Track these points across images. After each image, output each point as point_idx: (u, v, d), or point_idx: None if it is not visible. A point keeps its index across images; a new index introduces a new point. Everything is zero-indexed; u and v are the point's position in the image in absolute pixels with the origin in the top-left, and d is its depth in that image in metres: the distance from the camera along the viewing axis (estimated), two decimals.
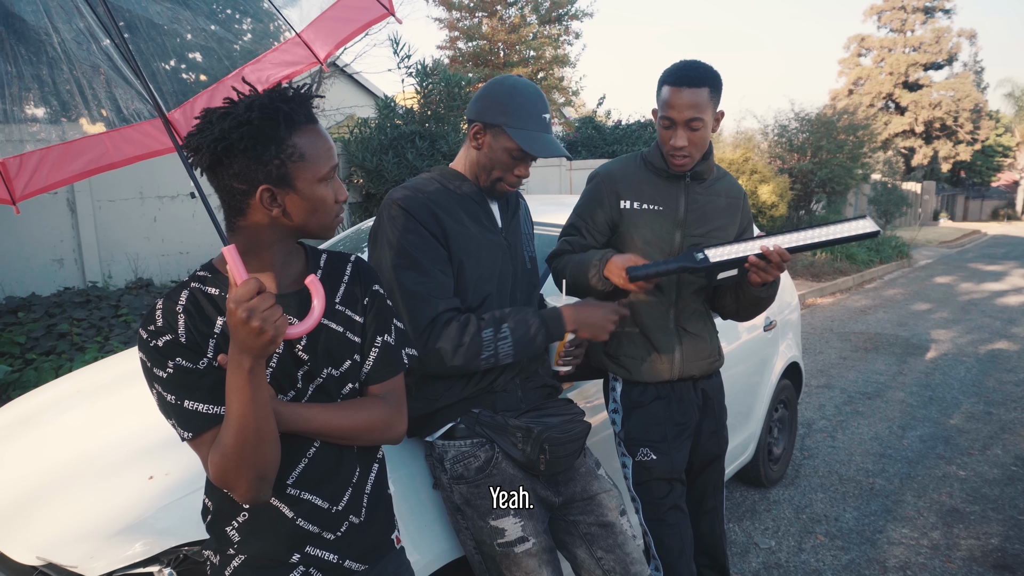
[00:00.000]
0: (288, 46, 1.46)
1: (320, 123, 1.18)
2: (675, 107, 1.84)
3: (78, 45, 1.21)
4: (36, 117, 1.24)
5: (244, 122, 1.06)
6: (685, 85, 1.83)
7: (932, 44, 30.85)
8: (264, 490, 1.11)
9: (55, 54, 1.19)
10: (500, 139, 1.67)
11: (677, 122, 1.85)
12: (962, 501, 3.58)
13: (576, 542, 1.75)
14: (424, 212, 1.62)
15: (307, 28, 1.46)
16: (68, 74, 1.21)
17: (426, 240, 1.61)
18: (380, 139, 7.26)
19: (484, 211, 1.75)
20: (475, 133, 1.70)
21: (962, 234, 21.91)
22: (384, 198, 1.68)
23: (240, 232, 1.14)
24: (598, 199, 2.00)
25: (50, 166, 1.22)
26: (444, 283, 1.62)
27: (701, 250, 1.83)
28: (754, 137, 13.19)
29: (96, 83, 1.23)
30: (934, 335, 7.43)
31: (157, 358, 1.09)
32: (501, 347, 1.61)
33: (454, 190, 1.71)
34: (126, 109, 1.28)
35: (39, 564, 1.51)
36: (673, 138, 1.87)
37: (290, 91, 1.13)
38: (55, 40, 1.19)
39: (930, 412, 4.95)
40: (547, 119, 1.70)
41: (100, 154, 1.27)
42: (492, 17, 13.20)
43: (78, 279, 5.76)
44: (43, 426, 2.12)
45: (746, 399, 3.28)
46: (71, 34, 1.20)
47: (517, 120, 1.65)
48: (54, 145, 1.23)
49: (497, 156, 1.68)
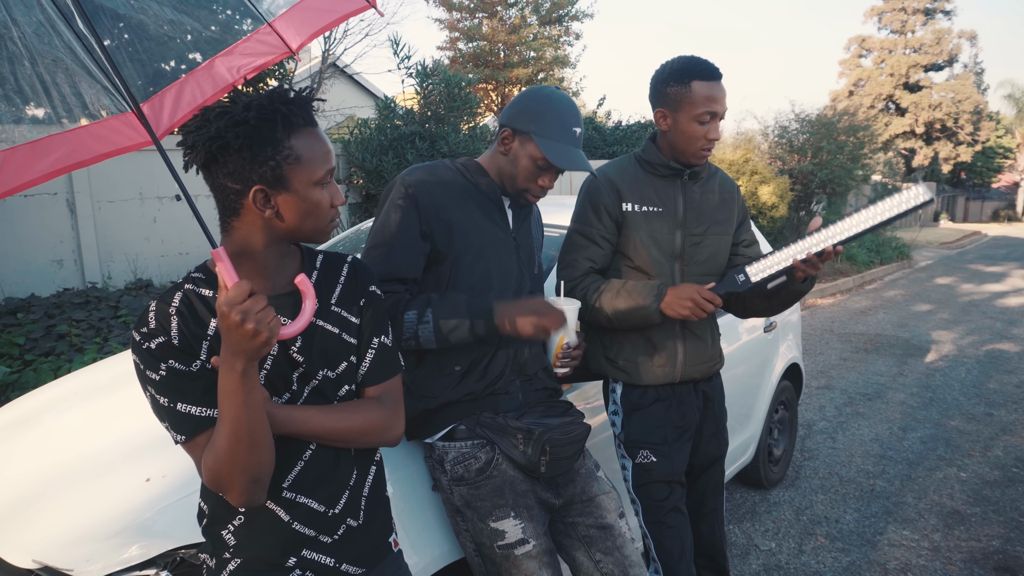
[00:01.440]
0: (260, 36, 1.43)
1: (319, 126, 1.17)
2: (718, 100, 1.85)
3: (39, 39, 1.16)
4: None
5: (241, 121, 1.06)
6: (718, 79, 1.86)
7: (933, 45, 30.85)
8: (258, 493, 1.10)
9: (15, 49, 1.14)
10: (527, 147, 1.66)
11: (718, 115, 1.86)
12: (963, 503, 3.57)
13: (575, 544, 1.74)
14: (428, 200, 1.62)
15: (280, 17, 1.43)
16: (31, 70, 1.16)
17: (411, 225, 1.60)
18: (380, 140, 7.25)
19: (497, 208, 1.74)
20: (504, 138, 1.69)
21: (962, 235, 21.90)
22: (400, 174, 1.68)
23: (233, 233, 1.14)
24: (602, 203, 1.97)
25: (15, 167, 1.18)
26: (401, 264, 1.60)
27: (741, 270, 1.81)
28: (754, 138, 13.17)
29: (60, 79, 1.19)
30: (935, 336, 7.42)
31: (150, 360, 1.08)
32: (422, 332, 1.57)
33: (472, 181, 1.71)
34: (92, 105, 1.23)
35: (35, 567, 1.50)
36: (711, 131, 1.87)
37: (291, 93, 1.12)
38: (15, 34, 1.14)
39: (931, 413, 4.94)
40: (578, 133, 1.68)
41: (67, 152, 1.23)
42: (492, 18, 13.19)
43: (77, 280, 5.75)
44: (41, 427, 2.11)
45: (746, 400, 3.27)
46: (31, 27, 1.15)
47: (547, 130, 1.64)
48: (19, 145, 1.19)
49: (522, 164, 1.67)
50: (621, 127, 12.59)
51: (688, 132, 1.88)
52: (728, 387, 2.29)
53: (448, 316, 1.58)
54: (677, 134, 1.90)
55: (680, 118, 1.88)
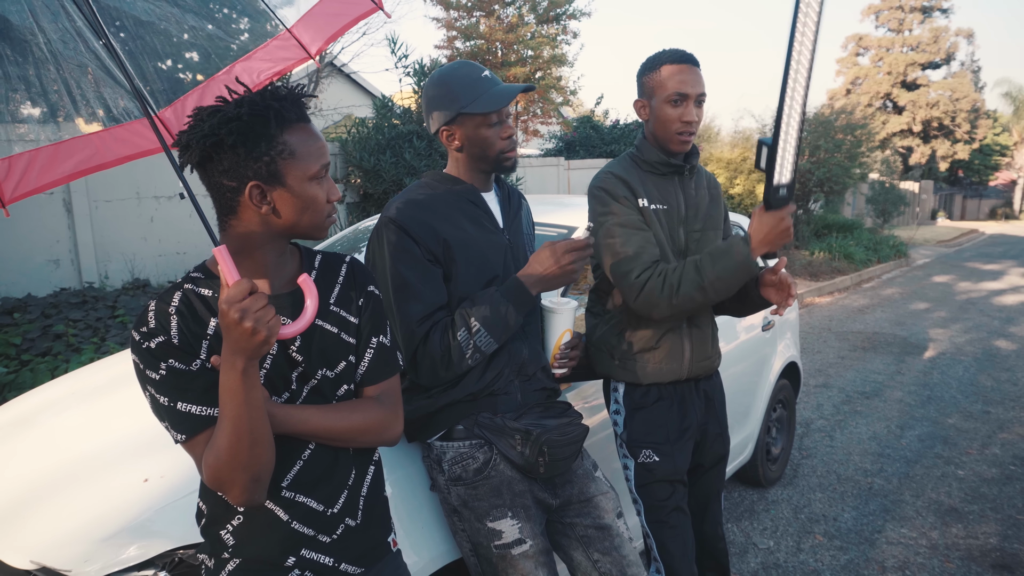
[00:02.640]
0: (279, 42, 1.45)
1: (312, 122, 1.17)
2: (689, 82, 1.85)
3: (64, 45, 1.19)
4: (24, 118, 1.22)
5: (233, 118, 1.06)
6: (692, 63, 1.86)
7: (930, 43, 30.88)
8: (259, 492, 1.11)
9: (41, 54, 1.18)
10: (468, 124, 1.65)
11: (690, 96, 1.86)
12: (960, 500, 3.57)
13: (573, 544, 1.74)
14: (420, 228, 1.60)
15: (297, 23, 1.45)
16: (55, 74, 1.20)
17: (418, 258, 1.60)
18: (378, 139, 7.24)
19: (484, 212, 1.73)
20: (447, 138, 1.69)
21: (960, 233, 21.93)
22: (380, 215, 1.67)
23: (232, 232, 1.14)
24: (622, 195, 1.91)
25: (39, 168, 1.21)
26: (432, 302, 1.61)
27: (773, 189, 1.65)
28: (752, 136, 13.18)
29: (84, 83, 1.22)
30: (932, 334, 7.44)
31: (150, 360, 1.08)
32: (479, 340, 1.60)
33: (449, 191, 1.70)
34: (115, 108, 1.26)
35: (32, 568, 1.50)
36: (685, 114, 1.86)
37: (283, 90, 1.12)
38: (41, 40, 1.17)
39: (928, 411, 4.95)
40: (489, 75, 1.67)
41: (90, 154, 1.26)
42: (490, 17, 13.17)
43: (74, 280, 5.74)
44: (38, 428, 2.10)
45: (744, 399, 3.28)
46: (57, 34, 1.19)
47: (465, 96, 1.63)
48: (43, 146, 1.21)
49: (479, 137, 1.66)
50: (619, 126, 12.58)
51: (662, 116, 1.89)
52: (726, 385, 2.29)
53: (492, 314, 1.60)
54: (655, 121, 1.92)
55: (655, 104, 1.90)
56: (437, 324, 1.60)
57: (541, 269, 1.63)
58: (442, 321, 1.61)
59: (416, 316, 1.58)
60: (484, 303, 1.61)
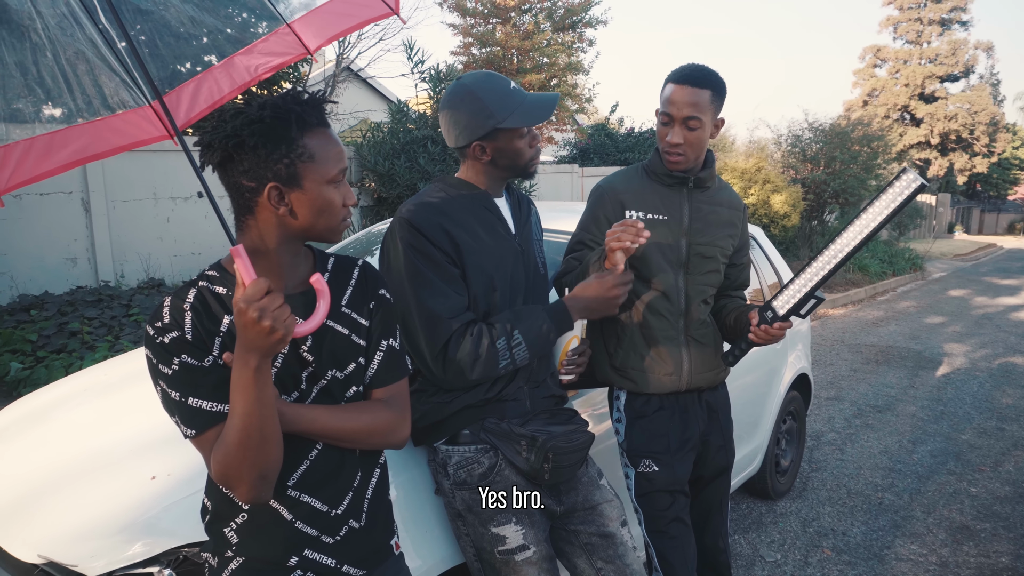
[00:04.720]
0: (279, 36, 1.45)
1: (332, 127, 1.18)
2: (675, 103, 1.85)
3: (62, 31, 1.18)
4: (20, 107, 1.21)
5: (256, 120, 1.08)
6: (688, 84, 1.85)
7: (948, 56, 30.63)
8: (265, 490, 1.11)
9: (39, 40, 1.16)
10: (502, 137, 1.66)
11: (675, 119, 1.86)
12: (972, 518, 3.53)
13: (576, 552, 1.73)
14: (434, 229, 1.61)
15: (300, 19, 1.45)
16: (52, 61, 1.18)
17: (436, 259, 1.60)
18: (392, 143, 7.28)
19: (497, 217, 1.73)
20: (476, 152, 1.68)
21: (977, 247, 21.70)
22: (393, 216, 1.68)
23: (248, 231, 1.15)
24: (603, 212, 1.99)
25: (35, 157, 1.20)
26: (457, 301, 1.61)
27: (768, 306, 1.81)
28: (767, 147, 13.12)
29: (81, 71, 1.21)
30: (947, 349, 7.36)
31: (163, 354, 1.09)
32: (517, 353, 1.62)
33: (464, 194, 1.71)
34: (111, 98, 1.26)
35: (40, 562, 1.52)
36: (670, 135, 1.88)
37: (304, 94, 1.15)
38: (39, 25, 1.16)
39: (941, 427, 4.89)
40: (515, 86, 1.68)
41: (86, 144, 1.25)
42: (506, 24, 13.23)
43: (91, 278, 5.81)
44: (50, 423, 2.13)
45: (753, 410, 3.26)
46: (55, 19, 1.18)
47: (501, 111, 1.63)
48: (39, 136, 1.21)
49: (513, 149, 1.68)
50: (634, 134, 12.58)
51: (658, 133, 1.94)
52: (735, 396, 2.28)
53: (535, 330, 1.63)
54: (657, 135, 1.96)
55: (658, 120, 1.94)
56: (470, 326, 1.60)
57: (590, 295, 1.67)
58: (477, 324, 1.61)
59: (443, 313, 1.58)
60: (529, 318, 1.64)
